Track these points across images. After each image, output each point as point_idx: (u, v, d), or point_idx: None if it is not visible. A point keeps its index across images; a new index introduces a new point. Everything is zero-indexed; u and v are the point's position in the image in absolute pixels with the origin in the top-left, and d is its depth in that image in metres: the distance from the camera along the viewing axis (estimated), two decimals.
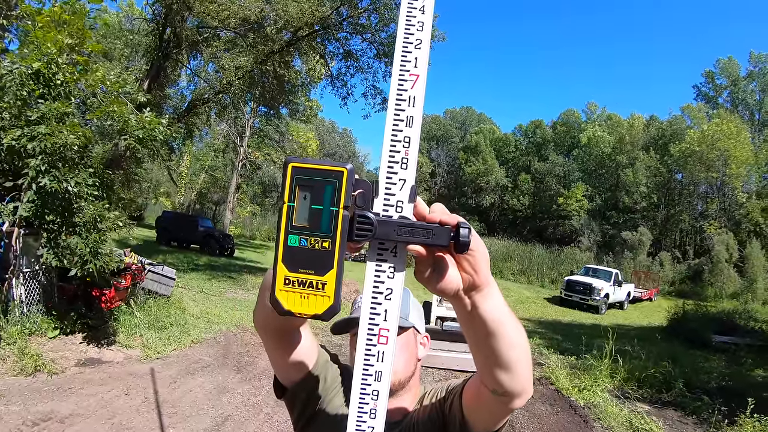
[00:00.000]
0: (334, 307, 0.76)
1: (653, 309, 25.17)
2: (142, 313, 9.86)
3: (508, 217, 58.30)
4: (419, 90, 0.79)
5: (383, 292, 0.80)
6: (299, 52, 19.05)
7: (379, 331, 0.81)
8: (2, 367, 6.91)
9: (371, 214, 0.77)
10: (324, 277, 0.75)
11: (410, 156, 0.79)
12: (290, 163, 0.75)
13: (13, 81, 7.35)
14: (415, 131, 0.79)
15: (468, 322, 0.94)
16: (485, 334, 0.95)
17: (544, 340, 13.59)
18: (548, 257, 36.91)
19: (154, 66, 15.58)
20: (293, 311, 0.77)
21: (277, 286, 0.77)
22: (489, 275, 0.89)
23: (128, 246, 14.27)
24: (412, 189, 0.79)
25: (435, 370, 9.23)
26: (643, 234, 42.47)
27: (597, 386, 8.94)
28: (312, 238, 0.75)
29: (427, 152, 62.98)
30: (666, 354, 11.35)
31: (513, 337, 0.97)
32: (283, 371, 1.43)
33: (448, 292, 0.86)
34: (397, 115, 0.79)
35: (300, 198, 0.75)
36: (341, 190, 0.74)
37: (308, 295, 0.76)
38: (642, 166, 48.15)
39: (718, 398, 8.54)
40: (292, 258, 0.76)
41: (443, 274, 0.84)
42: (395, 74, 0.79)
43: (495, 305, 0.92)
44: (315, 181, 0.74)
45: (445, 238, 0.79)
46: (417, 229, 0.78)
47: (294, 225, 0.75)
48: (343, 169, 0.74)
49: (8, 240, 7.87)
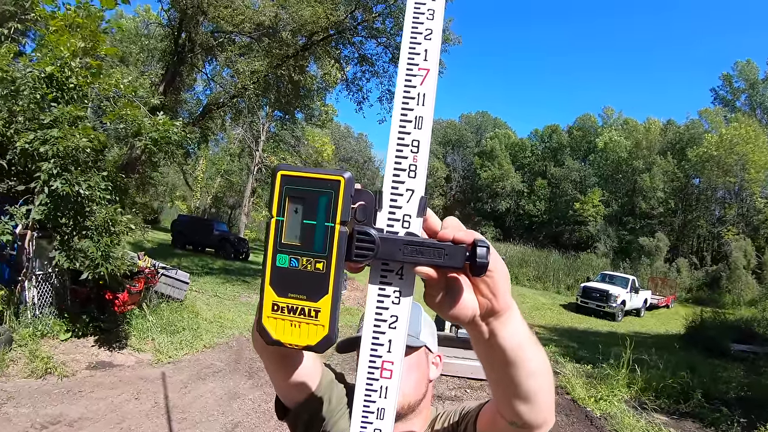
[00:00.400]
0: (330, 337, 0.67)
1: (670, 316, 24.87)
2: (154, 316, 9.85)
3: (524, 223, 57.95)
4: (430, 86, 0.69)
5: (387, 320, 0.71)
6: (314, 56, 19.08)
7: (383, 364, 0.71)
8: (13, 369, 6.91)
9: (373, 230, 0.68)
10: (317, 304, 0.67)
11: (419, 163, 0.69)
12: (279, 171, 0.67)
13: (26, 84, 7.37)
14: (425, 134, 0.69)
15: (485, 350, 0.83)
16: (504, 363, 0.84)
17: (559, 348, 13.41)
18: (564, 263, 36.64)
19: (170, 70, 15.67)
20: (282, 341, 0.68)
21: (264, 312, 0.68)
22: (509, 298, 0.79)
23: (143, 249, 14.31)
24: (421, 201, 0.70)
25: (449, 377, 9.10)
26: (660, 240, 42.03)
27: (614, 396, 8.77)
28: (304, 259, 0.66)
29: (443, 157, 62.87)
30: (684, 363, 11.15)
31: (534, 366, 0.86)
32: (285, 392, 1.35)
33: (462, 318, 0.76)
34: (404, 116, 0.69)
35: (290, 211, 0.66)
36: (338, 202, 0.65)
37: (299, 323, 0.67)
38: (659, 171, 47.59)
39: (737, 409, 8.35)
40: (282, 281, 0.67)
41: (457, 299, 0.74)
42: (402, 68, 0.70)
43: (515, 332, 0.81)
44: (307, 192, 0.66)
45: (459, 258, 0.68)
46: (427, 248, 0.68)
47: (283, 243, 0.66)
48: (340, 178, 0.65)
49: (21, 242, 7.89)
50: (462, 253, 0.68)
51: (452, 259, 0.68)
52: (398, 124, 0.69)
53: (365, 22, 17.72)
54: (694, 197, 48.05)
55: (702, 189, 47.26)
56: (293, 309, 0.67)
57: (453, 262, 0.68)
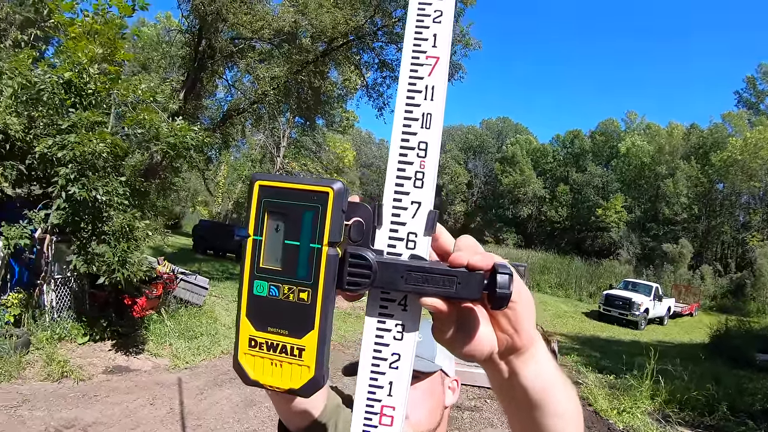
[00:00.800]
0: (316, 381, 0.56)
1: (694, 325, 24.41)
2: (172, 321, 9.88)
3: (546, 229, 57.45)
4: (439, 78, 0.57)
5: (387, 358, 0.60)
6: (334, 62, 19.10)
7: (382, 409, 0.60)
8: (30, 372, 6.95)
9: (370, 252, 0.57)
10: (301, 341, 0.56)
11: (427, 169, 0.58)
12: (257, 181, 0.56)
13: (45, 90, 7.45)
14: (435, 135, 0.57)
15: (504, 390, 0.72)
16: (527, 406, 0.71)
17: (581, 357, 13.21)
18: (586, 270, 36.11)
19: (190, 77, 15.79)
20: (261, 383, 0.58)
21: (240, 348, 0.58)
22: (534, 332, 0.67)
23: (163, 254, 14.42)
24: (429, 216, 0.58)
25: (469, 387, 8.93)
26: (684, 246, 41.36)
27: (637, 408, 8.54)
28: (285, 286, 0.55)
29: (464, 162, 62.66)
30: (708, 374, 10.88)
31: (563, 408, 0.73)
32: (287, 417, 1.24)
33: (478, 356, 0.66)
34: (408, 112, 0.58)
35: (270, 229, 0.56)
36: (325, 219, 0.54)
37: (281, 362, 0.56)
38: (682, 176, 46.82)
39: (762, 422, 8.14)
40: (260, 312, 0.56)
41: (471, 335, 0.63)
42: (406, 57, 0.59)
43: (540, 371, 0.69)
44: (290, 207, 0.55)
45: (475, 288, 0.57)
46: (435, 274, 0.57)
47: (261, 267, 0.56)
48: (328, 189, 0.54)
49: (40, 246, 7.97)
50: (479, 281, 0.57)
51: (467, 288, 0.57)
52: (402, 122, 0.58)
53: (385, 27, 17.70)
54: (718, 203, 47.24)
55: (726, 194, 46.47)
56: (273, 346, 0.56)
57: (468, 293, 0.57)
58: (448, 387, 1.43)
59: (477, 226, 59.37)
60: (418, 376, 1.32)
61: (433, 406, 1.35)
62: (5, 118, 7.17)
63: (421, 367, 1.31)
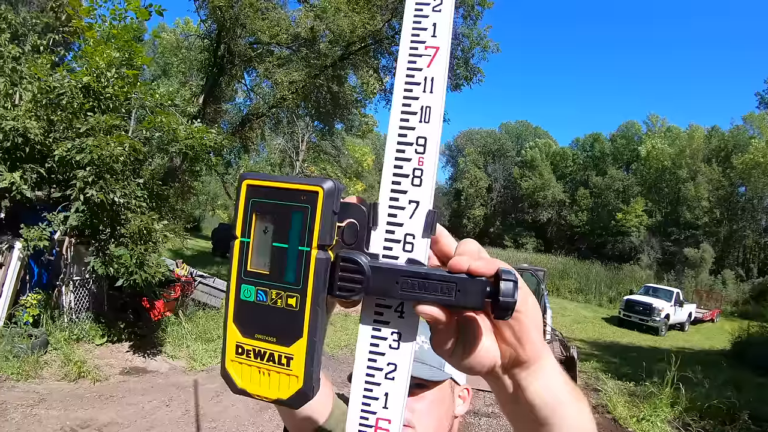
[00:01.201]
0: (305, 392, 0.53)
1: (715, 331, 24.04)
2: (190, 324, 9.93)
3: (566, 233, 56.99)
4: (439, 69, 0.54)
5: (383, 368, 0.56)
6: (353, 66, 19.12)
7: (377, 422, 0.56)
8: (47, 372, 7.02)
9: (363, 256, 0.54)
10: (289, 349, 0.52)
11: (426, 166, 0.54)
12: (245, 180, 0.53)
13: (64, 95, 7.54)
14: (434, 129, 0.54)
15: (509, 406, 0.66)
16: (534, 423, 0.65)
17: (601, 363, 13.06)
18: (607, 275, 35.74)
19: (209, 81, 15.92)
20: (249, 392, 0.54)
21: (227, 355, 0.54)
22: (540, 345, 0.61)
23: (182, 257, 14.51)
24: (428, 216, 0.54)
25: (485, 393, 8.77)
26: (705, 251, 40.81)
27: (657, 416, 8.39)
28: (273, 291, 0.52)
29: (484, 166, 62.41)
30: (730, 381, 10.67)
31: (572, 424, 0.66)
32: (291, 423, 1.21)
33: (479, 370, 0.60)
34: (406, 105, 0.54)
35: (258, 231, 0.52)
36: (314, 221, 0.51)
37: (269, 371, 0.53)
38: (703, 180, 46.17)
39: None
40: (247, 318, 0.53)
41: (473, 347, 0.58)
42: (404, 47, 0.55)
43: (548, 384, 0.63)
44: (278, 207, 0.52)
45: (477, 296, 0.53)
46: (433, 281, 0.53)
47: (249, 270, 0.53)
48: (317, 189, 0.51)
49: (59, 248, 8.05)
50: (481, 289, 0.52)
51: (467, 296, 0.53)
52: (399, 116, 0.55)
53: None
54: (739, 206, 46.54)
55: (748, 197, 45.74)
56: (260, 353, 0.53)
57: (468, 301, 0.53)
58: (459, 396, 1.38)
59: (496, 230, 59.12)
60: (426, 385, 1.27)
61: (441, 417, 1.30)
62: (25, 122, 7.26)
63: (429, 376, 1.26)
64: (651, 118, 57.81)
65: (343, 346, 11.21)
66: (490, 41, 17.99)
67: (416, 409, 1.23)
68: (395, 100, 0.55)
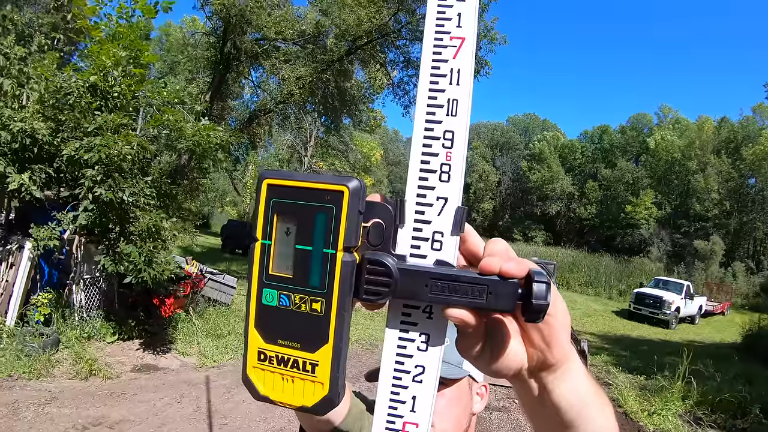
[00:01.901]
0: (331, 399, 0.51)
1: (726, 324, 23.95)
2: (200, 321, 9.95)
3: (575, 226, 56.77)
4: (466, 60, 0.52)
5: (410, 370, 0.54)
6: (360, 61, 19.07)
7: (404, 426, 0.54)
8: (58, 370, 7.06)
9: (390, 258, 0.51)
10: (314, 356, 0.50)
11: (454, 161, 0.52)
12: (265, 179, 0.51)
13: (71, 94, 7.56)
14: (462, 122, 0.52)
15: (534, 409, 0.65)
16: (559, 426, 0.64)
17: (611, 357, 13.01)
18: (616, 268, 35.57)
19: (216, 78, 15.93)
20: (272, 398, 0.53)
21: (249, 362, 0.53)
22: (568, 347, 0.60)
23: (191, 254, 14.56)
24: (457, 213, 0.52)
25: (497, 387, 8.74)
26: (716, 243, 40.58)
27: (668, 410, 8.34)
28: (297, 296, 0.50)
29: (492, 160, 62.19)
30: (741, 375, 10.61)
31: (598, 427, 0.65)
32: (308, 423, 1.21)
33: (506, 373, 0.59)
34: (432, 99, 0.52)
35: (280, 233, 0.50)
36: (339, 222, 0.48)
37: (293, 378, 0.51)
38: (713, 172, 45.81)
39: None
40: (269, 323, 0.51)
41: (501, 351, 0.57)
42: (428, 38, 0.53)
43: (574, 387, 0.62)
44: (301, 208, 0.49)
45: (508, 299, 0.50)
46: (463, 283, 0.50)
47: (270, 274, 0.51)
48: (343, 188, 0.48)
49: (69, 247, 8.09)
50: (512, 291, 0.50)
51: (498, 299, 0.50)
52: (425, 110, 0.53)
53: (409, 24, 17.60)
54: (750, 198, 46.18)
55: (758, 189, 45.38)
56: (284, 360, 0.51)
57: (500, 304, 0.51)
58: (476, 393, 1.38)
59: (505, 224, 58.98)
60: (444, 382, 1.25)
61: (459, 415, 1.29)
62: (33, 123, 7.29)
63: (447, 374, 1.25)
64: (662, 110, 57.42)
65: (353, 341, 11.20)
66: (497, 33, 17.87)
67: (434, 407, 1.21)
68: (420, 92, 0.53)
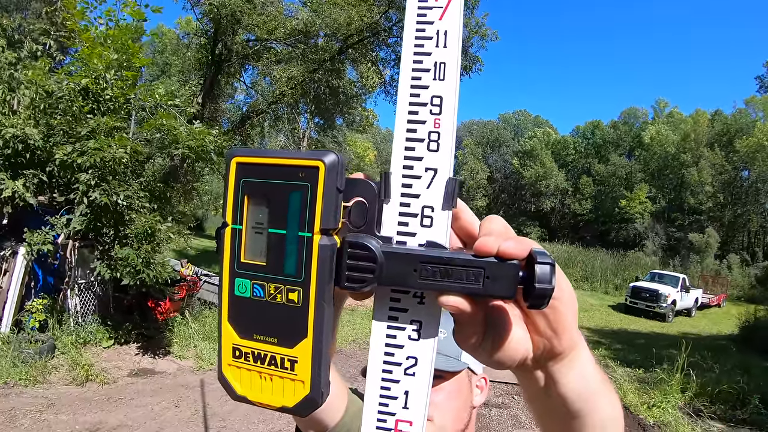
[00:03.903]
0: (312, 398, 0.47)
1: (722, 316, 23.96)
2: (197, 323, 9.90)
3: (570, 222, 56.79)
4: (453, 22, 0.47)
5: (401, 362, 0.49)
6: (351, 60, 19.04)
7: (396, 424, 0.49)
8: (55, 376, 7.02)
9: (374, 241, 0.47)
10: (293, 351, 0.46)
11: (443, 129, 0.47)
12: (233, 158, 0.46)
13: (63, 98, 7.52)
14: (450, 87, 0.47)
15: (540, 400, 0.60)
16: (565, 416, 0.59)
17: (609, 351, 13.02)
18: (612, 262, 35.58)
19: (207, 80, 15.87)
20: (250, 399, 0.48)
21: (224, 359, 0.49)
22: (576, 335, 0.55)
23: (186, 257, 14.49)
24: (449, 185, 0.47)
25: (496, 383, 8.72)
26: (710, 236, 40.68)
27: (667, 403, 8.34)
28: (271, 285, 0.46)
29: (484, 157, 62.19)
30: (739, 366, 10.64)
31: (605, 416, 0.61)
32: (303, 423, 1.15)
33: (509, 365, 0.54)
34: (418, 62, 0.48)
35: (251, 216, 0.46)
36: (316, 200, 0.44)
37: (271, 376, 0.47)
38: (707, 165, 45.89)
39: None
40: (243, 316, 0.47)
41: (502, 340, 0.51)
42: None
43: (583, 376, 0.57)
44: (274, 187, 0.45)
45: (508, 283, 0.45)
46: (458, 267, 0.45)
47: (243, 262, 0.47)
48: (318, 163, 0.44)
49: (63, 252, 8.04)
50: (513, 274, 0.45)
51: (497, 283, 0.45)
52: (410, 74, 0.48)
53: (400, 22, 17.56)
54: (743, 190, 46.30)
55: (752, 181, 45.50)
56: (261, 357, 0.47)
57: (499, 289, 0.45)
58: (476, 386, 1.34)
59: None
60: (442, 375, 1.24)
61: (459, 408, 1.26)
62: (25, 128, 7.24)
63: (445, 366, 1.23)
64: (659, 104, 57.34)
65: (351, 340, 11.16)
66: (488, 29, 17.87)
67: (433, 401, 1.19)
68: (404, 56, 0.49)
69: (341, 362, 8.95)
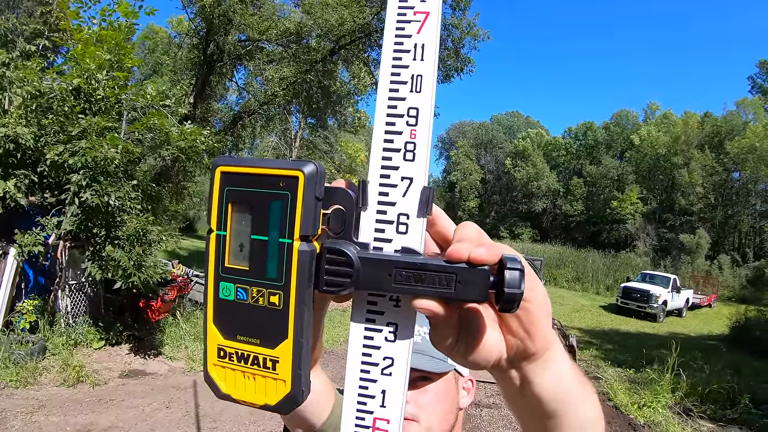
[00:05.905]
0: (293, 396, 0.49)
1: (713, 316, 24.08)
2: (187, 324, 9.88)
3: (561, 223, 56.93)
4: (430, 35, 0.50)
5: (378, 363, 0.51)
6: (344, 61, 19.03)
7: (374, 422, 0.51)
8: (45, 378, 6.99)
9: (351, 247, 0.49)
10: (275, 352, 0.48)
11: (419, 139, 0.50)
12: (218, 167, 0.49)
13: (54, 98, 7.49)
14: (426, 99, 0.49)
15: (516, 400, 0.62)
16: (542, 416, 0.61)
17: (600, 351, 13.11)
18: (603, 263, 35.74)
19: (199, 80, 15.83)
20: (234, 397, 0.51)
21: (209, 359, 0.51)
22: (550, 334, 0.56)
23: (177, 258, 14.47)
24: (423, 194, 0.50)
25: (486, 384, 8.72)
26: (701, 237, 40.87)
27: (658, 402, 8.39)
28: (254, 289, 0.48)
29: (477, 158, 62.30)
30: (729, 366, 10.72)
31: (583, 417, 0.62)
32: (290, 423, 1.16)
33: (484, 365, 0.56)
34: (395, 75, 0.50)
35: (235, 223, 0.49)
36: (296, 209, 0.46)
37: (254, 375, 0.50)
38: (697, 166, 46.13)
39: None
40: (228, 318, 0.50)
41: (476, 342, 0.53)
42: (391, 13, 0.51)
43: (556, 376, 0.59)
44: (255, 196, 0.47)
45: (479, 288, 0.47)
46: (431, 272, 0.48)
47: (227, 266, 0.49)
48: (298, 173, 0.46)
49: (54, 253, 8.00)
50: (483, 280, 0.47)
51: (468, 288, 0.47)
52: (387, 86, 0.50)
53: None
54: (734, 191, 46.56)
55: (742, 182, 45.79)
56: (244, 357, 0.50)
57: (470, 294, 0.47)
58: (463, 387, 1.36)
59: (492, 221, 59.07)
60: (429, 377, 1.25)
61: (446, 410, 1.27)
62: (16, 128, 7.20)
63: (432, 368, 1.23)
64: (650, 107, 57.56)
65: (342, 341, 11.17)
66: (479, 29, 17.88)
67: (420, 403, 1.21)
68: (383, 69, 0.51)
69: (332, 363, 8.95)
